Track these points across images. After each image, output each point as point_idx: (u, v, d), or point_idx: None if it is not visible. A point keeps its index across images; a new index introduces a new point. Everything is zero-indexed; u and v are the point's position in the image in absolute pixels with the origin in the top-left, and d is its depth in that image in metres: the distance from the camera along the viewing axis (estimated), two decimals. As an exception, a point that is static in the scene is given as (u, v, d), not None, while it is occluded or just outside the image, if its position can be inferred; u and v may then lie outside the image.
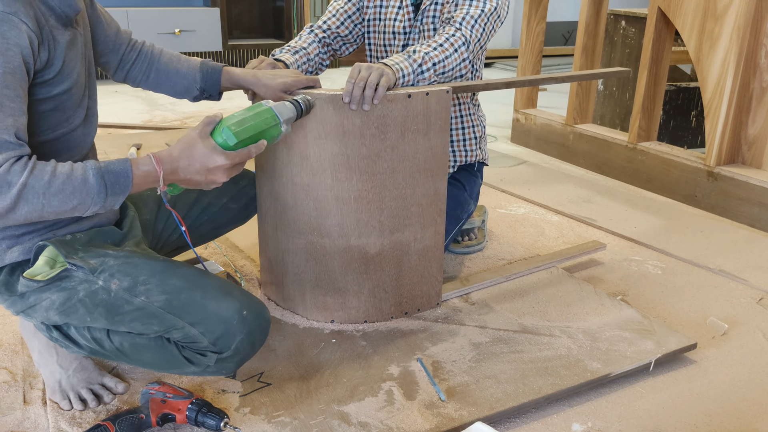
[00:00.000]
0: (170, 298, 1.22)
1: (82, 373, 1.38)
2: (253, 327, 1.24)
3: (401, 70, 1.53)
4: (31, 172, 1.06)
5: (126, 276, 1.23)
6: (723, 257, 2.20)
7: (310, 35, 1.91)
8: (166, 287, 1.23)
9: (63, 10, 1.19)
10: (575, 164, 3.28)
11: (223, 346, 1.23)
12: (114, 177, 1.12)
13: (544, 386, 1.43)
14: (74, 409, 1.34)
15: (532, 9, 3.41)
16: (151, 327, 1.24)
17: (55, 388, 1.37)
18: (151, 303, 1.22)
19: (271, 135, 1.28)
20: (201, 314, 1.22)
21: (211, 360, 1.24)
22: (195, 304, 1.22)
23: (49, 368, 1.38)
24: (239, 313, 1.23)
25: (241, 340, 1.23)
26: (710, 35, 2.55)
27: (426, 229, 1.66)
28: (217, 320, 1.22)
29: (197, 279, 1.27)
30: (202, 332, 1.22)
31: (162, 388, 1.27)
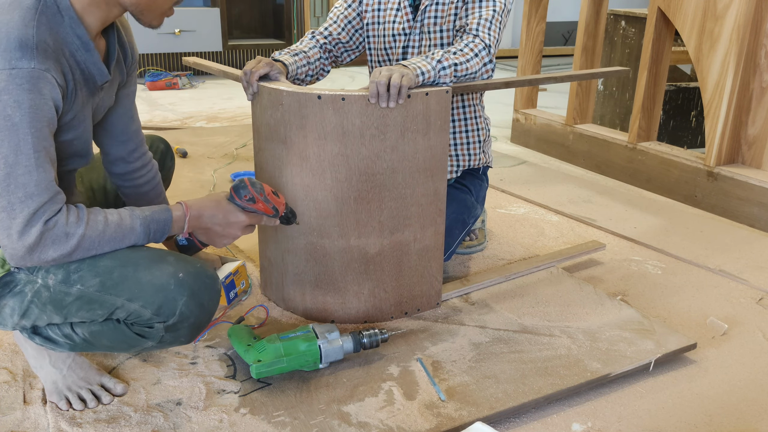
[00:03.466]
0: (103, 279, 1.21)
1: (77, 372, 1.39)
2: (195, 288, 1.21)
3: (418, 68, 1.53)
4: (87, 224, 1.17)
5: (59, 269, 1.23)
6: (723, 257, 2.20)
7: (312, 41, 1.91)
8: (97, 270, 1.22)
9: (89, 69, 1.25)
10: (575, 164, 3.28)
11: (167, 314, 1.20)
12: (156, 226, 1.26)
13: (544, 386, 1.43)
14: (73, 409, 1.34)
15: (532, 9, 3.41)
16: (95, 312, 1.23)
17: (52, 389, 1.37)
18: (87, 289, 1.21)
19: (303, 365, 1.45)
20: (136, 288, 1.20)
21: (159, 330, 1.22)
22: (128, 279, 1.21)
23: (45, 371, 1.39)
24: (175, 276, 1.20)
25: (185, 303, 1.20)
26: (710, 35, 2.55)
27: (426, 229, 1.66)
28: (153, 289, 1.20)
29: (127, 254, 1.24)
30: (142, 305, 1.20)
31: None
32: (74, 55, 1.21)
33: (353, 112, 1.49)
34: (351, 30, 1.94)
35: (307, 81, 1.88)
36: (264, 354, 1.40)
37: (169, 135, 3.60)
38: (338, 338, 1.46)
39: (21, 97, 1.09)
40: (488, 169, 2.12)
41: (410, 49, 1.88)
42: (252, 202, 1.35)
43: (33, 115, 1.11)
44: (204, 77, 5.51)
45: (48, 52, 1.13)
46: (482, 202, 2.08)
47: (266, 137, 1.62)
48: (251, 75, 1.58)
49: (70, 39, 1.19)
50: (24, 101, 1.09)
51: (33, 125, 1.11)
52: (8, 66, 1.09)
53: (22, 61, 1.09)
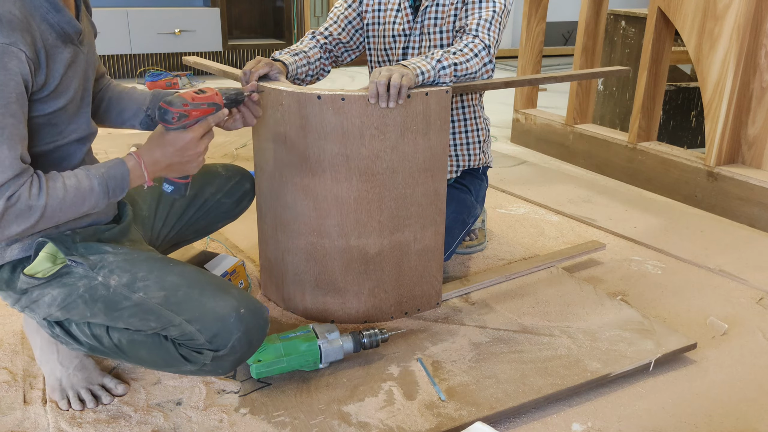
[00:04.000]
0: (168, 294, 1.23)
1: (82, 372, 1.39)
2: (251, 325, 1.24)
3: (418, 68, 1.53)
4: (48, 194, 1.14)
5: (125, 272, 1.25)
6: (723, 257, 2.20)
7: (312, 41, 1.91)
8: (164, 284, 1.24)
9: (62, 27, 1.21)
10: (575, 164, 3.28)
11: (219, 344, 1.22)
12: (114, 182, 1.22)
13: (544, 386, 1.43)
14: (72, 408, 1.35)
15: (532, 9, 3.41)
16: (149, 323, 1.24)
17: (54, 386, 1.38)
18: (149, 299, 1.23)
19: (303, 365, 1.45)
20: (198, 311, 1.22)
21: (207, 358, 1.24)
22: (192, 301, 1.22)
23: (50, 366, 1.39)
24: (237, 311, 1.22)
25: (238, 339, 1.22)
26: (710, 35, 2.55)
27: (426, 229, 1.66)
28: (214, 318, 1.21)
29: (195, 277, 1.27)
30: (199, 329, 1.21)
31: None
32: (46, 19, 1.18)
33: (353, 112, 1.49)
34: (351, 30, 1.94)
35: (308, 81, 1.88)
36: (264, 354, 1.40)
37: (169, 135, 3.59)
38: (338, 338, 1.46)
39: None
40: (488, 169, 2.12)
41: (410, 49, 1.88)
42: (184, 117, 1.27)
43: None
44: (204, 77, 5.52)
45: (14, 23, 1.10)
46: (482, 202, 2.08)
47: (266, 137, 1.62)
48: (251, 75, 1.58)
49: (38, 3, 1.17)
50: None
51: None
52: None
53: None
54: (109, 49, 4.99)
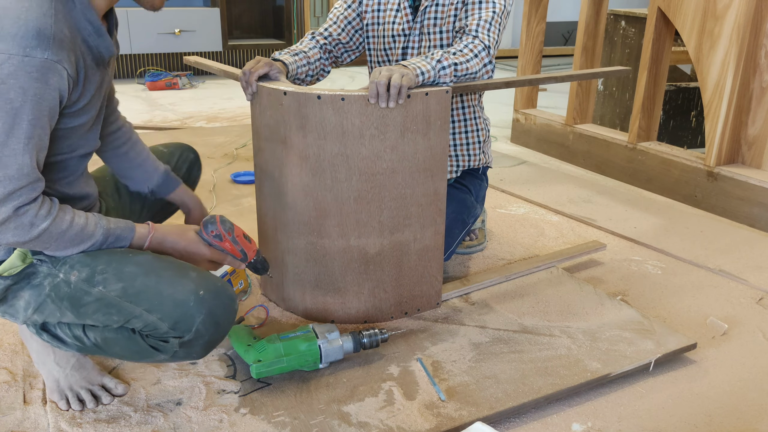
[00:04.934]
0: (125, 285, 1.21)
1: (80, 372, 1.39)
2: (213, 306, 1.21)
3: (418, 68, 1.53)
4: (54, 221, 1.17)
5: (85, 266, 1.23)
6: (723, 257, 2.20)
7: (312, 41, 1.91)
8: (122, 275, 1.22)
9: (100, 51, 1.26)
10: (575, 164, 3.28)
11: (183, 330, 1.20)
12: (114, 239, 1.26)
13: (544, 386, 1.43)
14: (72, 409, 1.35)
15: (532, 9, 3.41)
16: (112, 317, 1.22)
17: (53, 387, 1.38)
18: (108, 292, 1.21)
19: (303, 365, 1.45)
20: (156, 300, 1.20)
21: (174, 345, 1.22)
22: (150, 289, 1.20)
23: (47, 367, 1.39)
24: (195, 293, 1.20)
25: (202, 321, 1.20)
26: (710, 35, 2.55)
27: (426, 229, 1.66)
28: (173, 304, 1.19)
29: (153, 264, 1.24)
30: (160, 318, 1.20)
31: None
32: (86, 41, 1.23)
33: (353, 112, 1.49)
34: (351, 30, 1.94)
35: (308, 81, 1.88)
36: (264, 354, 1.41)
37: (169, 135, 3.60)
38: (338, 338, 1.46)
39: (27, 85, 1.10)
40: (488, 169, 2.11)
41: (410, 50, 1.88)
42: (218, 239, 1.33)
43: (35, 103, 1.12)
44: (204, 77, 5.52)
45: (64, 42, 1.14)
46: (482, 202, 2.08)
47: (266, 137, 1.62)
48: (250, 75, 1.58)
49: (82, 25, 1.21)
50: (29, 89, 1.11)
51: (33, 113, 1.12)
52: (22, 53, 1.10)
53: (37, 50, 1.10)
54: (109, 49, 4.98)
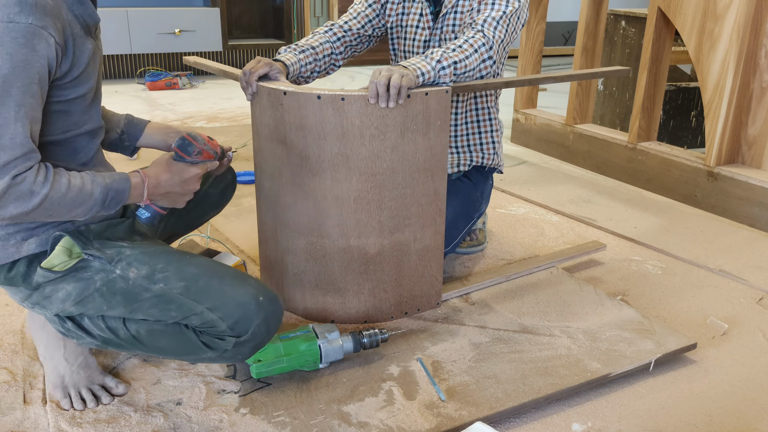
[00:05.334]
0: (188, 284, 1.27)
1: (85, 371, 1.40)
2: (269, 312, 1.28)
3: (418, 69, 1.53)
4: (52, 186, 1.16)
5: (143, 265, 1.29)
6: (723, 257, 2.20)
7: (326, 34, 1.90)
8: (183, 274, 1.28)
9: (84, 19, 1.27)
10: (575, 164, 3.28)
11: (241, 330, 1.26)
12: (114, 194, 1.25)
13: (544, 386, 1.43)
14: (74, 408, 1.35)
15: (532, 9, 3.40)
16: (170, 313, 1.27)
17: (57, 383, 1.38)
18: (170, 289, 1.27)
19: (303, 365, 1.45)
20: (219, 299, 1.26)
21: (229, 344, 1.27)
22: (213, 289, 1.27)
23: (54, 362, 1.40)
24: (256, 298, 1.27)
25: (258, 324, 1.26)
26: (710, 35, 2.55)
27: (426, 229, 1.66)
28: (235, 305, 1.26)
29: (213, 267, 1.32)
30: (221, 317, 1.25)
31: None
32: (72, 10, 1.23)
33: (353, 112, 1.49)
34: (370, 28, 1.96)
35: (314, 77, 1.88)
36: (264, 354, 1.41)
37: (169, 135, 3.59)
38: (338, 338, 1.46)
39: (14, 51, 1.10)
40: (495, 171, 2.11)
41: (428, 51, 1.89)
42: (200, 154, 1.38)
43: (23, 70, 1.11)
44: (204, 77, 5.51)
45: (47, 9, 1.14)
46: (487, 199, 2.09)
47: (266, 137, 1.62)
48: (250, 75, 1.58)
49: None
50: (16, 55, 1.10)
51: (21, 80, 1.11)
52: (5, 19, 1.10)
53: (20, 15, 1.11)
54: (109, 49, 4.99)
